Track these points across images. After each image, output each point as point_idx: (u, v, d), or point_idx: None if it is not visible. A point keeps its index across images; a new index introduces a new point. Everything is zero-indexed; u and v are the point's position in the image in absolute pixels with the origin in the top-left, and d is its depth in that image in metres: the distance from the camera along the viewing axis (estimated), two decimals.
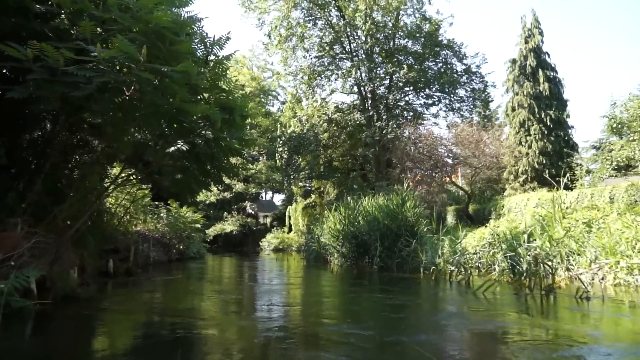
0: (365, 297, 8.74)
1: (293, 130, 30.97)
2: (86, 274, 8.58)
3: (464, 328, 5.69)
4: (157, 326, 5.92)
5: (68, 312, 6.42)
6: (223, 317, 6.56)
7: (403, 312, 6.88)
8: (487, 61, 38.66)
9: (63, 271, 6.86)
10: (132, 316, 6.64)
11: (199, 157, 7.23)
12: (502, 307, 7.37)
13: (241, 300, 8.64)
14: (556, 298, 7.68)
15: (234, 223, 40.27)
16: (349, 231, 15.00)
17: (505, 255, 9.95)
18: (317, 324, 6.15)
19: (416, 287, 10.08)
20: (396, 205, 14.30)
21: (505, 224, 14.67)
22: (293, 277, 13.91)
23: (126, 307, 7.36)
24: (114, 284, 9.88)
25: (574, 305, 7.02)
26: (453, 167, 21.33)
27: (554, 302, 7.42)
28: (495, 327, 5.65)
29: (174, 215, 18.27)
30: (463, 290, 9.22)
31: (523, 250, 9.80)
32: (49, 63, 5.89)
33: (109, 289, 9.41)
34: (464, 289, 9.25)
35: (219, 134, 6.96)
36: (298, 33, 30.19)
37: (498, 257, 10.19)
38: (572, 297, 7.49)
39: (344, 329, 5.58)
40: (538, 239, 10.21)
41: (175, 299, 8.61)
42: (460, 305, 7.69)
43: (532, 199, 16.87)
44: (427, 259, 11.71)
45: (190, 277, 13.23)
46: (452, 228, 21.59)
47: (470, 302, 7.60)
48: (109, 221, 12.09)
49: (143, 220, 16.30)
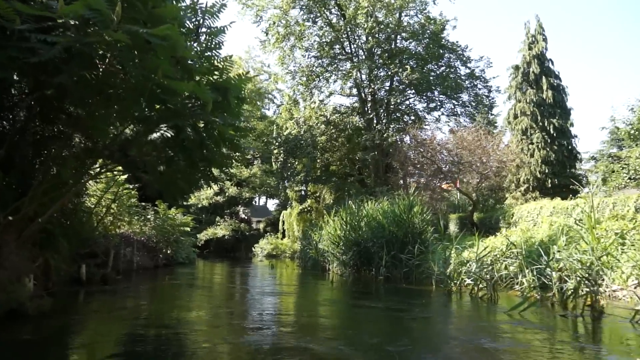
0: (380, 314, 7.47)
1: (289, 132, 29.91)
2: (51, 282, 7.34)
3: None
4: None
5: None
6: (206, 347, 5.29)
7: (442, 341, 5.53)
8: (491, 65, 37.81)
9: (11, 279, 5.58)
10: (82, 348, 4.92)
11: (185, 146, 6.08)
12: (565, 336, 5.82)
13: (230, 317, 7.44)
14: (606, 321, 6.52)
15: (227, 228, 39.05)
16: (351, 238, 13.84)
17: (533, 269, 8.83)
18: None
19: (435, 303, 8.90)
20: (403, 211, 13.18)
21: (519, 233, 13.56)
22: (289, 288, 12.67)
23: (81, 330, 5.80)
24: (86, 293, 8.61)
25: (632, 329, 5.88)
26: (458, 173, 20.23)
27: (609, 327, 6.25)
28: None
29: (162, 217, 17.02)
30: (492, 308, 8.04)
31: (553, 263, 8.73)
32: (2, 23, 4.77)
33: (73, 301, 8.06)
34: (492, 307, 8.07)
35: (210, 117, 5.81)
36: (296, 32, 29.22)
37: (525, 271, 9.03)
38: (627, 320, 6.32)
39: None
40: (565, 251, 9.12)
41: (152, 316, 7.19)
42: (511, 333, 5.97)
43: (546, 207, 15.83)
44: (439, 269, 10.56)
45: (175, 285, 11.94)
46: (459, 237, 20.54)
47: (518, 329, 6.08)
48: (87, 221, 10.86)
49: (128, 221, 15.05)
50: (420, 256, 11.91)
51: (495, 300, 8.51)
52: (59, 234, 8.67)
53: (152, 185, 8.49)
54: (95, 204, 11.92)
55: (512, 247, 11.49)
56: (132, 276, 12.62)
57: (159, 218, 17.05)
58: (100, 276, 9.63)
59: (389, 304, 8.46)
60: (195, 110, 5.84)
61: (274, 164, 31.64)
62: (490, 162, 20.14)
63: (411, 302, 8.76)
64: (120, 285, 9.98)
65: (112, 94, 6.10)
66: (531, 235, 12.96)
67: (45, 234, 8.22)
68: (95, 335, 5.57)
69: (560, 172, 34.94)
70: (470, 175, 20.53)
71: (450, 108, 29.67)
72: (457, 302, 8.82)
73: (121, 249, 12.31)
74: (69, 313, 6.85)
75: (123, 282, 10.70)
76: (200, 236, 36.78)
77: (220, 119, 5.95)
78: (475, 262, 10.12)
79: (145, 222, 16.79)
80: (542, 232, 12.82)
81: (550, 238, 11.97)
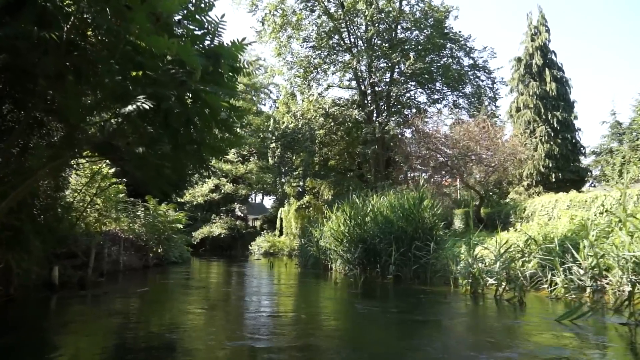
0: (401, 323, 6.38)
1: (287, 126, 28.88)
2: (13, 287, 6.26)
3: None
4: None
5: None
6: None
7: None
8: (495, 56, 36.84)
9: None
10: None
11: (169, 124, 5.01)
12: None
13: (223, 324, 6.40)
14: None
15: (222, 226, 38.16)
16: (356, 234, 12.81)
17: (565, 267, 7.83)
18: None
19: (460, 307, 7.79)
20: (412, 205, 12.16)
21: (537, 228, 12.57)
22: (290, 289, 11.59)
23: (32, 349, 4.46)
24: (58, 300, 7.47)
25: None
26: (464, 165, 19.24)
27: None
28: None
29: (152, 213, 15.93)
30: (531, 313, 6.97)
31: (586, 259, 7.75)
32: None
33: (38, 310, 6.77)
34: (530, 313, 6.99)
35: (199, 86, 4.76)
36: (293, 22, 28.15)
37: (554, 269, 8.02)
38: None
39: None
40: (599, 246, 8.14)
41: (132, 327, 5.78)
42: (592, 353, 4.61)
43: (562, 200, 14.88)
44: (457, 268, 9.54)
45: (164, 289, 10.82)
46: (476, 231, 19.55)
47: (588, 346, 4.87)
48: (64, 217, 9.77)
49: (115, 218, 13.95)
50: (433, 253, 10.89)
51: (524, 303, 7.45)
52: (30, 231, 7.59)
53: (135, 176, 7.43)
54: (73, 199, 10.82)
55: (532, 243, 10.53)
56: (118, 278, 11.54)
57: (149, 215, 15.95)
58: (77, 279, 8.51)
59: (407, 309, 7.38)
60: (180, 77, 4.77)
61: (271, 159, 30.60)
62: (498, 154, 19.16)
63: (434, 307, 7.73)
64: (101, 289, 8.82)
65: (81, 65, 5.05)
66: (550, 230, 11.99)
67: (13, 231, 7.15)
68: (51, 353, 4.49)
69: (564, 167, 34.08)
70: (478, 168, 19.54)
71: (452, 100, 28.74)
72: (485, 306, 7.73)
73: (105, 248, 11.20)
74: (23, 326, 5.55)
75: (106, 285, 9.59)
76: (195, 234, 35.94)
77: (211, 89, 4.89)
78: (497, 259, 9.11)
79: (134, 219, 15.69)
80: (563, 226, 11.84)
81: (573, 232, 11.02)
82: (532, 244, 10.57)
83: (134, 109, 4.57)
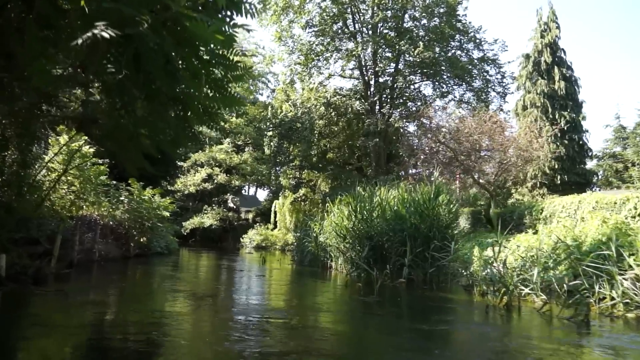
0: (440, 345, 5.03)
1: (285, 114, 27.48)
2: None
3: None
4: None
5: None
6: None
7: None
8: (507, 49, 35.53)
9: None
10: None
11: (140, 64, 3.62)
12: None
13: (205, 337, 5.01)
14: None
15: (214, 217, 36.90)
16: (363, 230, 11.45)
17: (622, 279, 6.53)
18: None
19: (503, 324, 6.38)
20: (427, 200, 10.83)
21: (561, 231, 11.29)
22: (287, 293, 10.10)
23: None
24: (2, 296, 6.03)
25: None
26: (476, 161, 17.97)
27: None
28: None
29: (136, 199, 14.46)
30: (614, 336, 5.51)
31: None
32: None
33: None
34: (613, 335, 5.59)
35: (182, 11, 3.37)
36: (295, 5, 26.68)
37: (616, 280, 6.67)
38: None
39: None
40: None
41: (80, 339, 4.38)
42: None
43: (586, 201, 13.63)
44: (487, 273, 8.18)
45: (139, 282, 9.35)
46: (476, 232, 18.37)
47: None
48: (25, 198, 8.32)
49: (93, 202, 12.50)
50: (454, 254, 9.56)
51: (588, 322, 6.02)
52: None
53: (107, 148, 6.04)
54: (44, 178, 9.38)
55: (562, 248, 9.25)
56: (91, 270, 10.10)
57: (133, 200, 14.50)
58: (33, 271, 7.03)
59: (438, 326, 5.98)
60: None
61: (267, 149, 29.20)
62: (511, 151, 17.91)
63: (470, 322, 6.36)
64: (60, 285, 7.32)
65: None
66: (579, 234, 10.72)
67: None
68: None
69: (570, 169, 33.01)
70: (490, 165, 18.27)
71: (460, 95, 27.43)
72: (541, 325, 6.21)
73: (76, 235, 9.74)
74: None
75: (73, 279, 8.13)
76: (185, 224, 34.84)
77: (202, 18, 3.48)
78: (531, 265, 7.81)
79: (117, 204, 14.24)
80: (595, 230, 10.57)
81: (607, 237, 9.78)
82: (562, 249, 9.30)
83: (89, 37, 3.16)
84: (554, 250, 9.38)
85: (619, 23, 78.91)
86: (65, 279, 7.90)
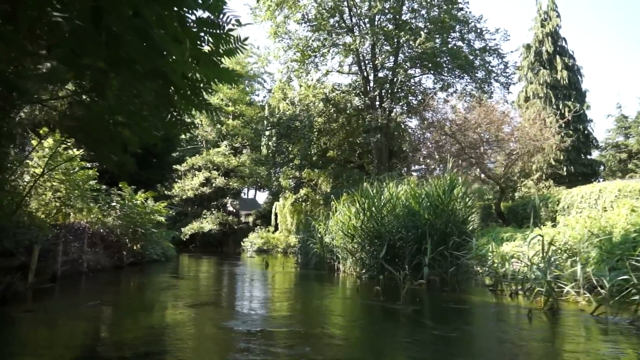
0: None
1: (283, 113, 26.64)
2: None
3: None
4: None
5: None
6: None
7: None
8: (509, 38, 34.68)
9: None
10: None
11: (100, 15, 2.77)
12: None
13: None
14: None
15: (214, 221, 36.11)
16: (373, 229, 10.58)
17: None
18: None
19: (559, 334, 5.34)
20: (442, 193, 9.96)
21: (586, 222, 10.42)
22: (295, 301, 9.17)
23: None
24: None
25: None
26: (486, 152, 17.14)
27: None
28: None
29: (127, 203, 13.56)
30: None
31: None
32: None
33: None
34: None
35: None
36: (290, 1, 25.84)
37: None
38: None
39: None
40: None
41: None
42: None
43: (607, 189, 12.81)
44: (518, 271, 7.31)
45: (131, 294, 8.39)
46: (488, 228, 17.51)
47: None
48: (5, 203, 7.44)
49: (81, 209, 11.60)
50: (476, 250, 8.71)
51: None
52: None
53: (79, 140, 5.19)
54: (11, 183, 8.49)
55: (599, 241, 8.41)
56: (79, 282, 9.20)
57: (125, 206, 13.61)
58: (4, 287, 6.07)
59: (503, 343, 5.00)
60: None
61: (265, 149, 28.37)
62: (522, 140, 17.06)
63: (529, 333, 5.41)
64: (41, 300, 6.33)
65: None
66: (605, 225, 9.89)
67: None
68: None
69: (575, 159, 32.30)
70: (499, 156, 17.44)
71: (462, 87, 26.58)
72: (616, 335, 5.04)
73: (59, 245, 8.84)
74: None
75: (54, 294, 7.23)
76: (185, 230, 34.07)
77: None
78: (572, 262, 6.95)
79: (108, 210, 13.37)
80: (624, 220, 9.75)
81: None
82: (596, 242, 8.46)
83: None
84: (587, 240, 8.59)
85: (618, 9, 78.08)
86: (45, 294, 6.99)
